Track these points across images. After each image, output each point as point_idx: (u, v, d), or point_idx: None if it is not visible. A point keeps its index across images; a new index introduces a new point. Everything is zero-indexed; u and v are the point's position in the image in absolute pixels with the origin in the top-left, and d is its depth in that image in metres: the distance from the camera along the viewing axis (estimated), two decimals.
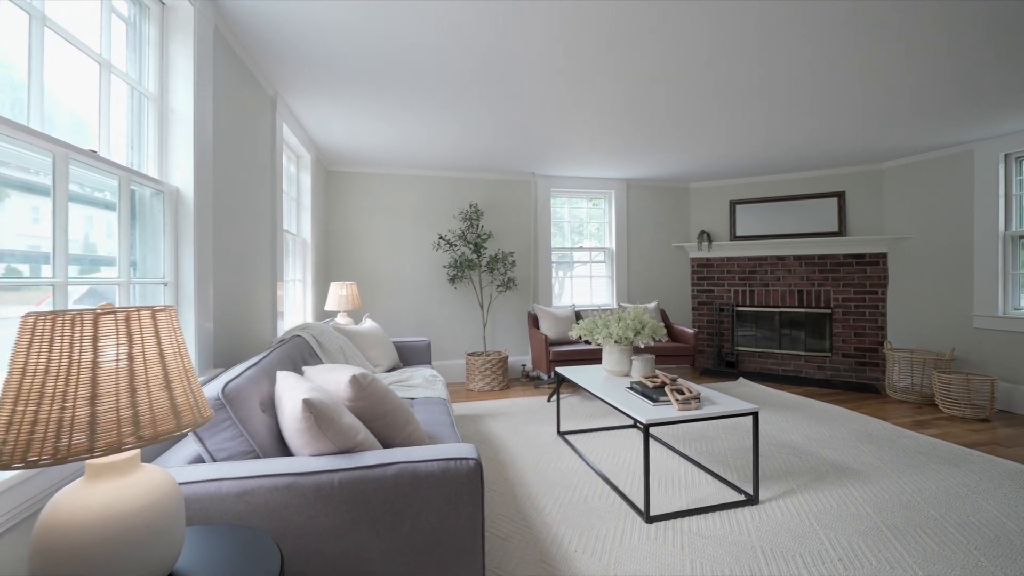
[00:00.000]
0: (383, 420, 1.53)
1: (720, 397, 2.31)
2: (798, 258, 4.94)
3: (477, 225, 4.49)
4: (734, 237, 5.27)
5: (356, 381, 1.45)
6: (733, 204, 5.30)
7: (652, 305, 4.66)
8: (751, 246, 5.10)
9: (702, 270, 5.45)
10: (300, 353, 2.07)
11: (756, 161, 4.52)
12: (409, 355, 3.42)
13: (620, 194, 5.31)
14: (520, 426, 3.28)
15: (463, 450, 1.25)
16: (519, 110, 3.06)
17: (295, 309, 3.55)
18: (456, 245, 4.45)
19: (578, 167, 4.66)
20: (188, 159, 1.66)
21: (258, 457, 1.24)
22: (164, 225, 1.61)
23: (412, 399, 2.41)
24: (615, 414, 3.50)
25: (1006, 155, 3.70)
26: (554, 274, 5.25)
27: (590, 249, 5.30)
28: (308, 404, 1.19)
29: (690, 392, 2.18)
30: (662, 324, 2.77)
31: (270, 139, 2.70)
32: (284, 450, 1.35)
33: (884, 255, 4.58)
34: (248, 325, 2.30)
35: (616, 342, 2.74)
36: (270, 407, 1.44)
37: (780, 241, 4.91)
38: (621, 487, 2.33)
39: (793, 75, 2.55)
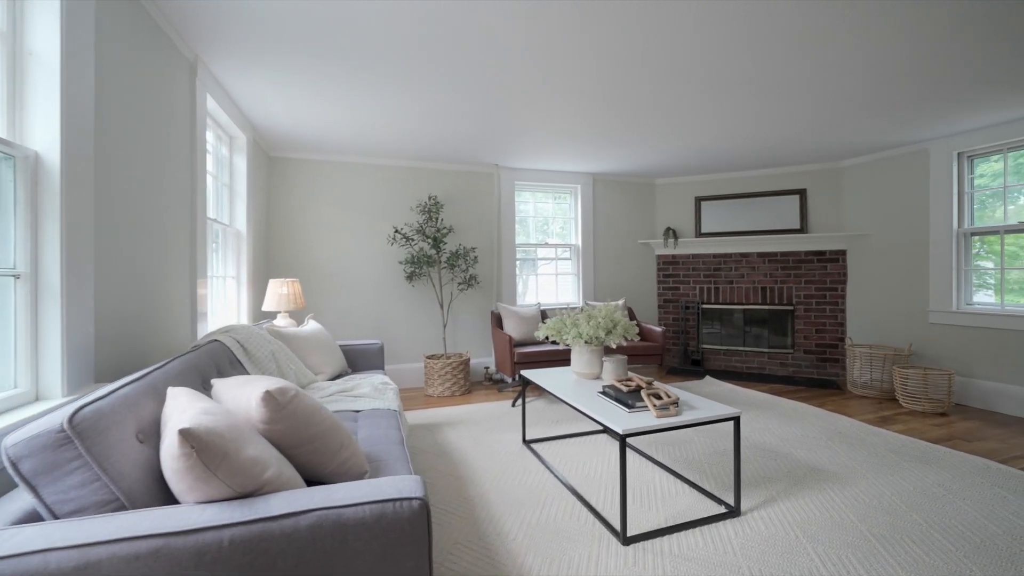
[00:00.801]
0: (309, 446, 1.23)
1: (698, 401, 2.14)
2: (762, 255, 4.93)
3: (436, 219, 4.19)
4: (699, 234, 5.21)
5: (270, 398, 1.15)
6: (699, 201, 5.25)
7: (620, 303, 4.50)
8: (716, 243, 5.06)
9: (668, 267, 5.38)
10: (215, 362, 1.72)
11: (721, 157, 4.46)
12: (359, 360, 3.08)
13: (586, 189, 5.14)
14: (482, 435, 3.02)
15: (405, 486, 0.97)
16: (481, 91, 2.79)
17: (226, 310, 3.14)
18: (413, 240, 4.12)
19: (544, 159, 4.44)
20: (53, 117, 1.29)
21: (124, 508, 0.92)
22: (15, 199, 1.24)
23: (357, 412, 2.09)
24: (583, 419, 3.30)
25: (959, 154, 3.78)
26: (519, 272, 5.01)
27: (556, 246, 5.10)
28: (187, 436, 0.88)
29: (668, 397, 1.99)
30: (634, 323, 2.58)
31: (188, 110, 2.31)
32: (170, 496, 1.03)
33: (844, 252, 4.63)
34: (155, 329, 1.92)
35: (586, 342, 2.52)
36: (154, 436, 1.11)
37: (744, 238, 4.89)
38: (594, 503, 2.11)
39: (758, 69, 2.42)
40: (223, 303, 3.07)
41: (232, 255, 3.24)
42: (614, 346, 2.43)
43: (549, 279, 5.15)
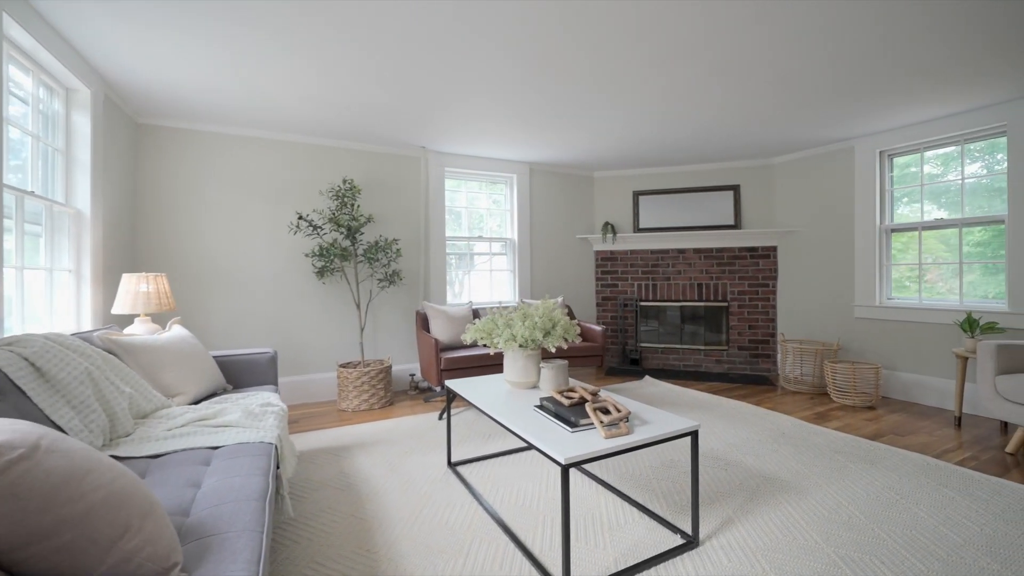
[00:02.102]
0: (49, 543, 0.72)
1: (650, 412, 1.83)
2: (698, 251, 4.87)
3: (352, 205, 3.63)
4: (637, 229, 5.06)
5: None
6: (637, 195, 5.09)
7: (558, 301, 4.19)
8: (654, 238, 4.92)
9: (606, 263, 5.18)
10: None
11: (659, 150, 4.30)
12: (244, 374, 2.48)
13: (523, 179, 4.79)
14: (401, 458, 2.54)
15: None
16: (391, 48, 2.31)
17: (55, 313, 2.40)
18: (322, 228, 3.53)
19: (476, 143, 4.03)
20: None
21: None
22: None
23: (215, 449, 1.55)
24: None
25: (881, 152, 3.87)
26: (450, 268, 4.56)
27: (490, 239, 4.71)
28: None
29: (617, 411, 1.65)
30: (575, 322, 2.24)
31: None
32: None
33: (775, 248, 4.66)
34: None
35: (521, 346, 2.14)
36: None
37: (681, 234, 4.79)
38: (530, 543, 1.73)
39: (700, 37, 2.18)
40: (47, 304, 2.33)
41: (69, 242, 2.50)
42: (553, 350, 2.08)
43: (483, 276, 4.75)
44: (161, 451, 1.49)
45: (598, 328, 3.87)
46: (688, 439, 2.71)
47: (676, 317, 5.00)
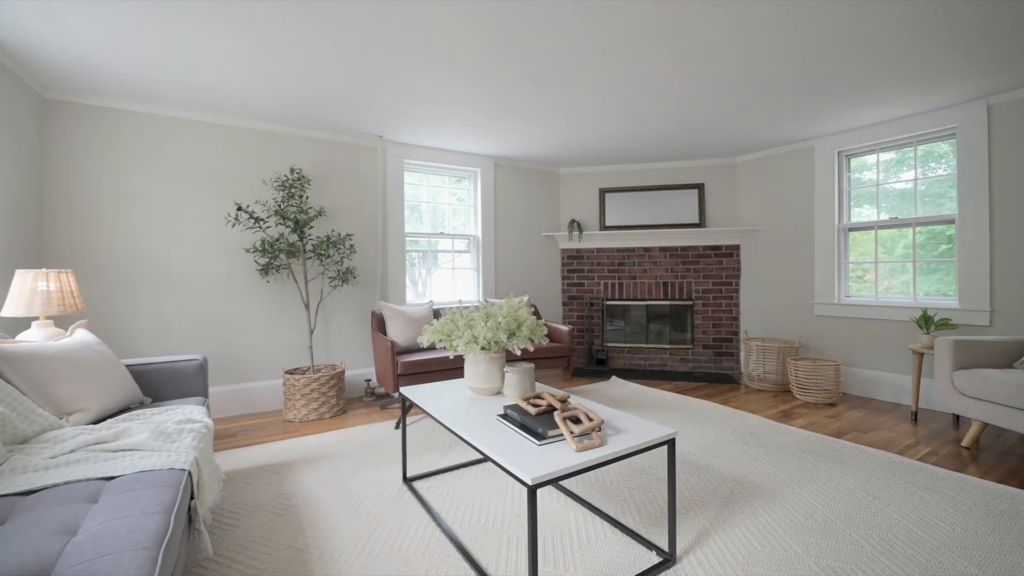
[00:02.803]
0: None
1: (623, 419, 1.68)
2: (663, 250, 4.83)
3: (301, 197, 3.33)
4: (604, 227, 4.98)
5: None
6: (603, 192, 5.01)
7: (524, 300, 4.03)
8: (620, 236, 4.85)
9: (572, 262, 5.07)
10: None
11: (624, 147, 4.22)
12: (165, 385, 2.17)
13: (487, 173, 4.60)
14: (351, 474, 2.30)
15: None
16: (343, 20, 2.07)
17: None
18: (265, 221, 3.21)
19: (438, 134, 3.80)
20: None
21: None
22: None
23: (110, 479, 1.28)
24: None
25: (839, 152, 3.93)
26: (412, 266, 4.31)
27: (453, 236, 4.49)
28: None
29: (589, 420, 1.49)
30: (542, 321, 2.08)
31: None
32: None
33: (738, 247, 4.69)
34: None
35: (483, 348, 1.96)
36: None
37: (647, 232, 4.74)
38: (493, 570, 1.55)
39: (672, 19, 2.08)
40: None
41: None
42: (518, 352, 1.90)
43: (447, 275, 4.52)
44: (36, 485, 1.21)
45: (565, 328, 3.73)
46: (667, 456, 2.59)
47: (642, 316, 4.95)
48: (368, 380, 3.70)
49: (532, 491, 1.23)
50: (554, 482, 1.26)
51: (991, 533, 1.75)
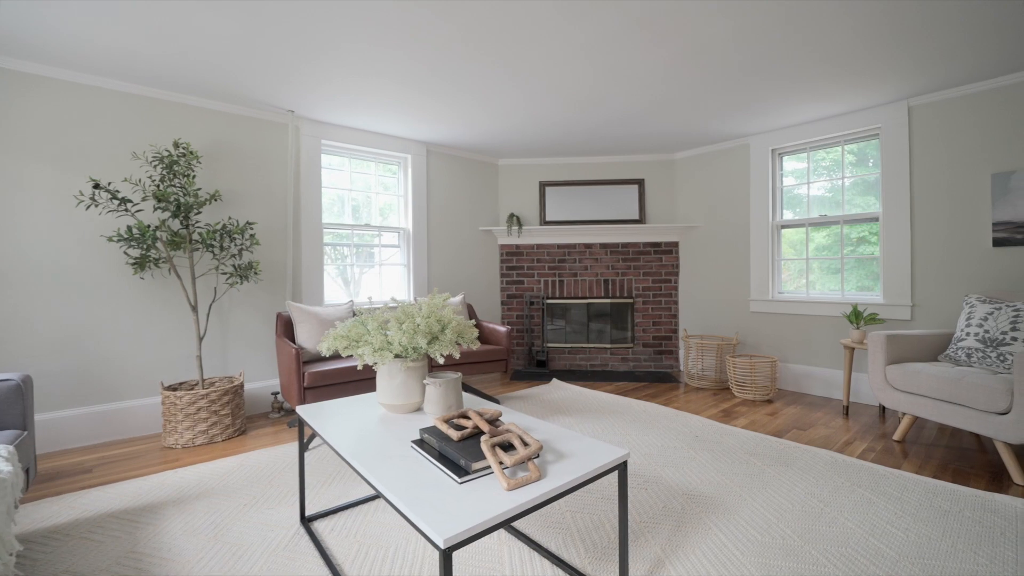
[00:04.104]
0: None
1: (568, 440, 1.40)
2: (604, 246, 4.69)
3: (187, 177, 2.76)
4: (544, 222, 4.75)
5: None
6: (543, 186, 4.78)
7: (457, 299, 3.69)
8: (561, 232, 4.65)
9: (512, 258, 4.79)
10: None
11: (564, 139, 4.02)
12: None
13: (418, 160, 4.21)
14: (235, 515, 1.84)
15: None
16: None
17: None
18: (133, 202, 2.61)
19: (362, 112, 3.36)
20: None
21: None
22: None
23: None
24: None
25: (773, 150, 3.97)
26: (336, 261, 3.81)
27: (380, 228, 4.05)
28: None
29: (525, 446, 1.19)
30: (472, 322, 1.75)
31: None
32: None
33: (676, 244, 4.65)
34: None
35: (398, 356, 1.60)
36: None
37: (588, 228, 4.58)
38: None
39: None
40: None
41: None
42: (441, 360, 1.57)
43: (374, 271, 4.07)
44: None
45: (503, 329, 3.44)
46: (618, 481, 2.36)
47: (583, 315, 4.79)
48: (275, 393, 3.18)
49: (446, 556, 0.90)
50: (477, 538, 0.94)
51: (942, 537, 1.67)
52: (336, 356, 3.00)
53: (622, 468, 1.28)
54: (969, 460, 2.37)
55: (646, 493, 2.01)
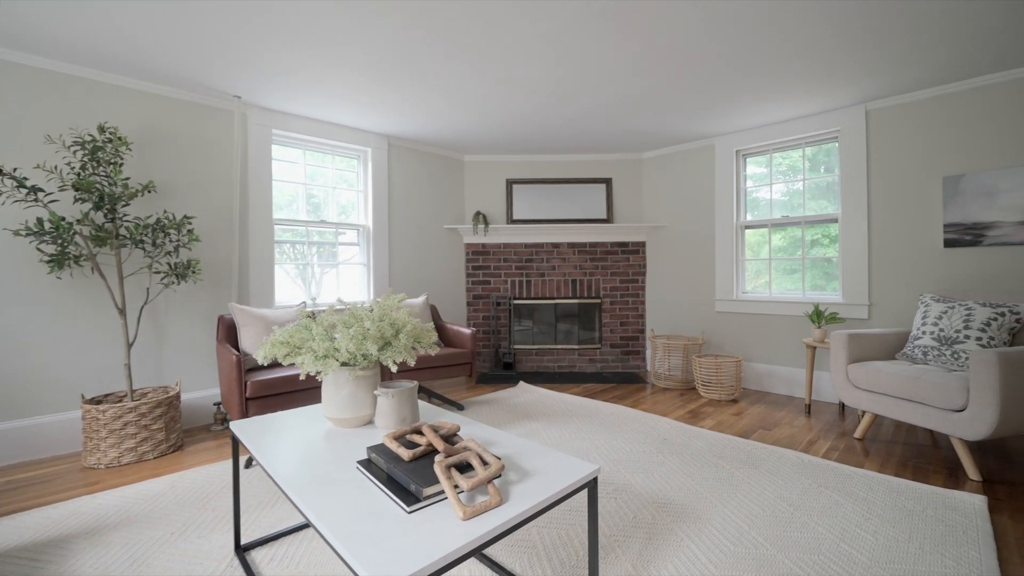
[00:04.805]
0: None
1: (533, 455, 1.28)
2: (572, 246, 4.62)
3: (113, 165, 2.48)
4: (511, 220, 4.63)
5: None
6: (510, 184, 4.67)
7: (420, 300, 3.52)
8: (528, 231, 4.55)
9: (478, 258, 4.65)
10: None
11: (531, 135, 3.92)
12: None
13: (379, 154, 4.00)
14: (160, 546, 1.62)
15: None
16: None
17: None
18: (45, 193, 2.31)
19: (317, 101, 3.14)
20: None
21: None
22: None
23: None
24: None
25: (737, 151, 4.00)
26: (286, 259, 3.56)
27: (337, 225, 3.82)
28: None
29: (484, 464, 1.06)
30: (431, 325, 1.61)
31: None
32: None
33: (644, 244, 4.63)
34: None
35: (345, 364, 1.44)
36: None
37: (555, 227, 4.50)
38: None
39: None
40: None
41: None
42: (394, 368, 1.42)
43: (331, 271, 3.83)
44: None
45: (467, 331, 3.29)
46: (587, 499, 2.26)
47: (550, 315, 4.70)
48: (218, 403, 2.92)
49: None
50: None
51: (909, 539, 1.65)
52: (278, 364, 2.78)
53: (592, 485, 1.17)
54: (926, 457, 2.42)
55: (616, 503, 1.92)
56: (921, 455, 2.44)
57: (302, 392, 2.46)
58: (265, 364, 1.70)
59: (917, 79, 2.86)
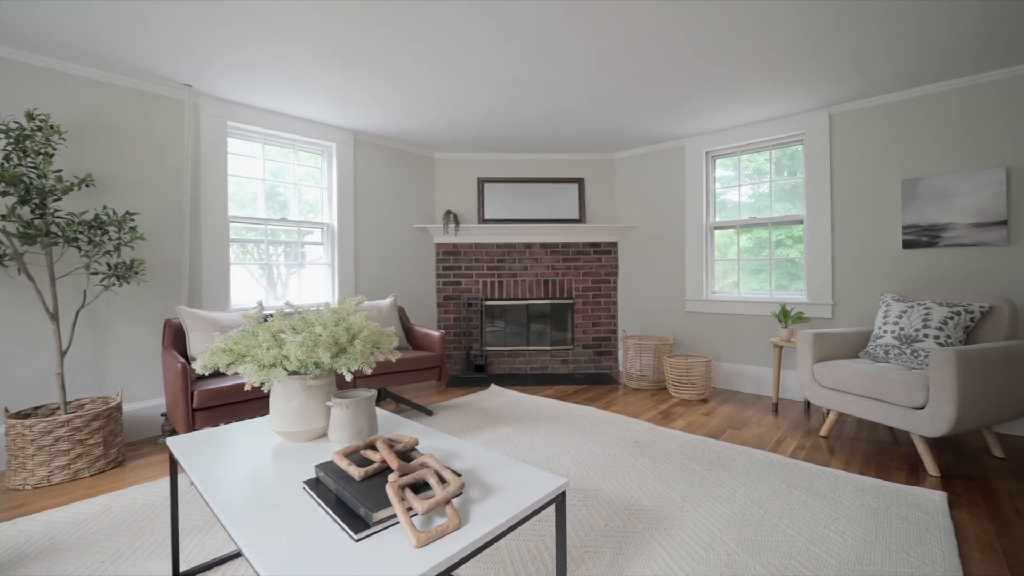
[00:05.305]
0: None
1: (498, 469, 1.20)
2: (544, 246, 4.57)
3: (44, 156, 2.26)
4: (483, 220, 4.55)
5: None
6: (482, 182, 4.58)
7: (387, 302, 3.40)
8: (500, 231, 4.47)
9: (448, 258, 4.54)
10: None
11: (502, 133, 3.85)
12: None
13: (345, 150, 3.84)
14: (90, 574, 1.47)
15: None
16: None
17: None
18: None
19: (277, 93, 2.97)
20: None
21: None
22: None
23: None
24: None
25: (707, 152, 4.03)
26: (250, 259, 3.36)
27: (299, 223, 3.64)
28: None
29: (443, 483, 0.98)
30: (391, 329, 1.51)
31: None
32: None
33: (615, 244, 4.62)
34: None
35: (295, 373, 1.32)
36: None
37: (527, 227, 4.43)
38: None
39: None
40: None
41: None
42: (349, 377, 1.31)
43: (301, 270, 3.65)
44: None
45: (436, 333, 3.19)
46: (555, 514, 2.20)
47: (523, 316, 4.64)
48: (165, 414, 2.72)
49: None
50: None
51: (875, 539, 1.66)
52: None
53: (560, 500, 1.10)
54: (888, 454, 2.47)
55: (586, 511, 1.86)
56: (883, 452, 2.49)
57: (255, 402, 2.31)
58: (205, 374, 1.56)
59: (878, 84, 2.93)
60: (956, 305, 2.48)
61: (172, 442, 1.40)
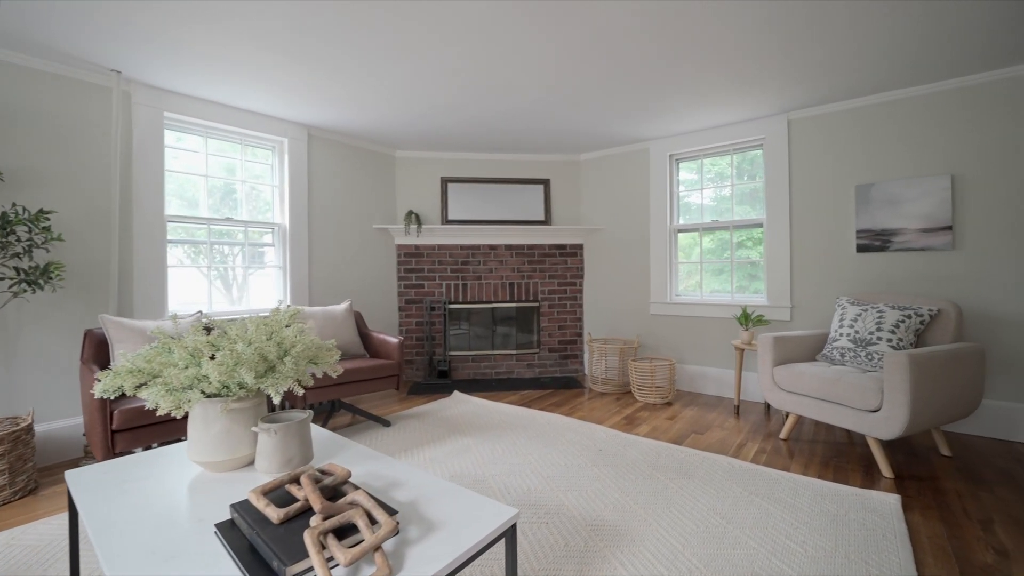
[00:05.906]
0: None
1: (443, 499, 1.09)
2: (509, 248, 4.48)
3: None
4: (446, 221, 4.41)
5: None
6: (445, 182, 4.44)
7: (342, 307, 3.22)
8: (464, 232, 4.35)
9: (410, 260, 4.38)
10: None
11: (467, 131, 3.73)
12: None
13: (298, 146, 3.63)
14: None
15: None
16: None
17: None
18: None
19: (220, 82, 2.75)
20: None
21: None
22: None
23: None
24: None
25: (671, 156, 4.04)
26: (194, 261, 3.11)
27: (247, 223, 3.41)
28: None
29: (373, 524, 0.86)
30: (331, 342, 1.37)
31: None
32: None
33: (581, 246, 4.58)
34: None
35: (213, 396, 1.17)
36: None
37: (492, 228, 4.33)
38: None
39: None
40: None
41: None
42: (277, 400, 1.17)
43: (256, 277, 3.41)
44: None
45: (394, 340, 3.04)
46: (506, 549, 2.10)
47: (488, 320, 4.53)
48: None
49: None
50: None
51: (835, 547, 1.65)
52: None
53: (510, 533, 1.00)
54: (844, 455, 2.50)
55: (547, 529, 1.78)
56: (840, 453, 2.52)
57: (185, 422, 2.10)
58: (108, 398, 1.38)
59: (834, 91, 2.98)
60: (907, 308, 2.54)
61: (72, 476, 1.21)
